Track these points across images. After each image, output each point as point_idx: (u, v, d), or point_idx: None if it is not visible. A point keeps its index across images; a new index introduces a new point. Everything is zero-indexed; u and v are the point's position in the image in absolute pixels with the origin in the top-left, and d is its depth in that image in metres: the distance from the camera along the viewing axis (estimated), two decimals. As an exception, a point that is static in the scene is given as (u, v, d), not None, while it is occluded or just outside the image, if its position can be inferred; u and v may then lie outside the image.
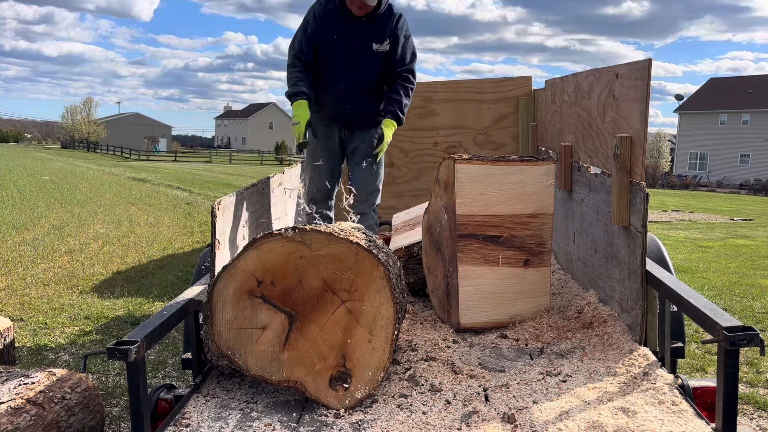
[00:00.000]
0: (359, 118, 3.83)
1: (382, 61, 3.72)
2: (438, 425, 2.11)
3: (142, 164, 40.36)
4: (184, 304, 2.42)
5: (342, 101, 3.77)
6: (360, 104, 3.78)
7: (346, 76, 3.72)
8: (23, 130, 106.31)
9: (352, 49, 3.68)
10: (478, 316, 3.04)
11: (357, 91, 3.75)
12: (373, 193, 3.94)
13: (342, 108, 3.78)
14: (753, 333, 1.90)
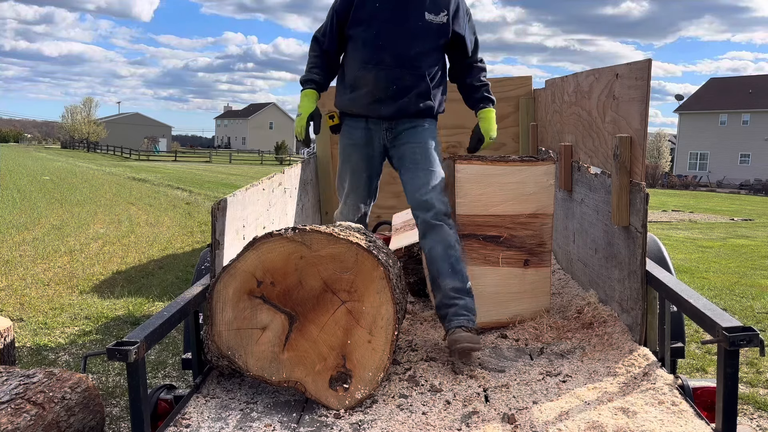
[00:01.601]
0: (407, 105, 3.00)
1: (437, 36, 2.99)
2: (438, 425, 2.11)
3: (142, 164, 40.36)
4: (184, 305, 2.41)
5: (387, 79, 2.98)
6: (409, 85, 2.99)
7: (391, 48, 2.97)
8: (23, 130, 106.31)
9: (398, 16, 2.97)
10: (479, 317, 3.03)
11: (406, 67, 2.97)
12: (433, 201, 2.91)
13: (387, 88, 2.98)
14: (753, 333, 1.90)
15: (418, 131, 3.03)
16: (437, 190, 2.90)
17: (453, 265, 2.77)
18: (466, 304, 2.73)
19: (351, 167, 3.16)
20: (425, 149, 3.00)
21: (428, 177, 2.93)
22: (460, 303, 2.72)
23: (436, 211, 2.85)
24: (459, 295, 2.73)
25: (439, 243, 2.81)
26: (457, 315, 2.69)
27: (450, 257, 2.78)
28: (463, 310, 2.71)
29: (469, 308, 2.73)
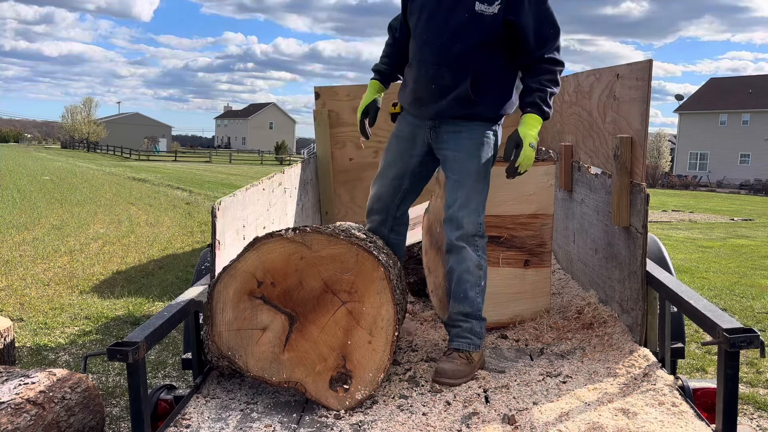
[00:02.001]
0: (446, 109, 2.68)
1: (488, 30, 2.59)
2: (438, 426, 2.11)
3: (142, 164, 40.37)
4: (185, 305, 2.41)
5: (427, 78, 2.69)
6: (449, 86, 2.64)
7: (433, 43, 2.66)
8: (23, 130, 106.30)
9: (445, 6, 2.65)
10: (479, 317, 3.04)
11: (447, 65, 2.63)
12: (462, 219, 2.65)
13: (426, 88, 2.69)
14: (753, 335, 1.90)
15: (460, 137, 2.70)
16: (469, 208, 2.65)
17: (466, 292, 2.65)
18: (471, 327, 2.63)
19: (386, 157, 2.93)
20: (462, 160, 2.69)
21: (460, 192, 2.67)
22: (464, 326, 2.63)
23: (462, 232, 2.65)
24: (465, 318, 2.64)
25: (458, 265, 2.66)
26: (458, 336, 2.62)
27: (464, 282, 2.64)
28: (467, 333, 2.62)
29: (475, 332, 2.63)
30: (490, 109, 2.69)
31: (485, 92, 2.65)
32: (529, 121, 2.59)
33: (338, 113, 5.35)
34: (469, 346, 2.59)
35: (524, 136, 2.56)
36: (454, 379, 2.47)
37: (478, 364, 2.58)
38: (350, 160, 5.44)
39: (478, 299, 2.67)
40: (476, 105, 2.65)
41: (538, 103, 2.59)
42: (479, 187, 2.69)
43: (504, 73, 2.70)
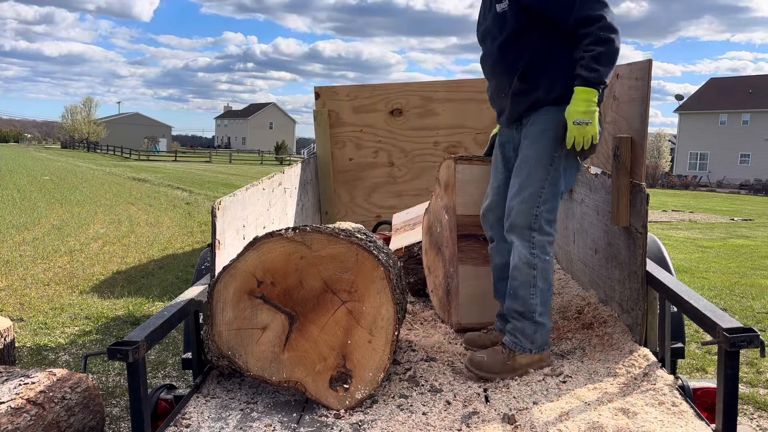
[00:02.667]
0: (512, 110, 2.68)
1: (512, 24, 2.57)
2: (438, 426, 2.11)
3: (142, 164, 40.36)
4: (185, 305, 2.42)
5: (492, 88, 2.79)
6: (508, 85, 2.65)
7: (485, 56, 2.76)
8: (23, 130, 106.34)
9: (484, 15, 2.76)
10: (479, 317, 3.04)
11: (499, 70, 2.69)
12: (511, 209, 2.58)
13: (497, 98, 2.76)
14: (753, 335, 1.90)
15: (529, 124, 2.63)
16: (521, 196, 2.54)
17: (515, 290, 2.56)
18: (522, 327, 2.54)
19: (492, 165, 2.89)
20: (524, 146, 2.61)
21: (515, 180, 2.59)
22: (515, 323, 2.57)
23: (510, 223, 2.57)
24: (516, 316, 2.57)
25: (513, 260, 2.59)
26: (507, 331, 2.60)
27: (512, 280, 2.57)
28: (516, 331, 2.55)
29: (524, 332, 2.53)
30: (549, 91, 2.56)
31: (536, 79, 2.57)
32: (575, 96, 2.46)
33: (338, 113, 5.36)
34: (515, 345, 2.53)
35: (568, 114, 2.45)
36: (477, 370, 2.47)
37: (523, 368, 2.51)
38: (350, 160, 5.44)
39: (531, 300, 2.53)
40: (532, 92, 2.58)
41: (579, 73, 2.45)
42: (539, 175, 2.52)
43: (555, 55, 2.56)
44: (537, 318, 2.54)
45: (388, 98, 5.38)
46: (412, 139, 5.46)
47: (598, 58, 2.42)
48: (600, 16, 2.43)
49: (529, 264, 2.52)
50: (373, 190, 5.50)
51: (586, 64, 2.43)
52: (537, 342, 2.54)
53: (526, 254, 2.53)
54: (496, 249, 2.82)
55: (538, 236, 2.53)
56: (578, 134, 2.43)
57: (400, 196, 5.47)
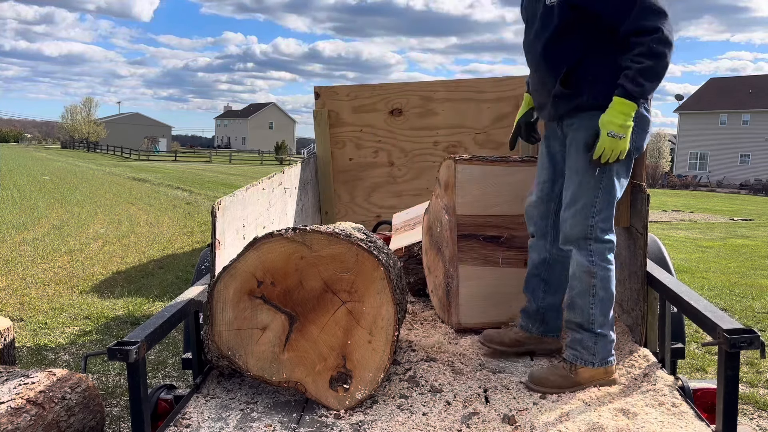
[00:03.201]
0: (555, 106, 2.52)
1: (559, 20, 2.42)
2: (438, 426, 2.11)
3: (142, 164, 40.36)
4: (185, 305, 2.42)
5: (534, 83, 2.65)
6: (550, 84, 2.51)
7: (529, 49, 2.62)
8: (23, 130, 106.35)
9: (528, 10, 2.63)
10: (479, 317, 3.04)
11: (542, 66, 2.54)
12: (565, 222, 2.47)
13: (540, 93, 2.62)
14: (754, 335, 1.90)
15: (572, 129, 2.49)
16: (574, 208, 2.43)
17: (573, 300, 2.44)
18: (581, 339, 2.42)
19: (539, 160, 2.77)
20: (572, 155, 2.47)
21: (568, 191, 2.48)
22: (574, 336, 2.44)
23: (566, 235, 2.46)
24: (574, 328, 2.44)
25: (571, 270, 2.48)
26: (568, 346, 2.46)
27: (571, 289, 2.46)
28: (576, 344, 2.43)
29: (585, 345, 2.40)
30: (593, 99, 2.40)
31: (579, 84, 2.42)
32: (613, 106, 2.31)
33: (338, 113, 5.36)
34: (575, 359, 2.39)
35: (602, 124, 2.31)
36: (539, 386, 2.36)
37: (587, 382, 2.37)
38: (350, 160, 5.44)
39: (591, 310, 2.40)
40: (574, 97, 2.44)
41: (622, 83, 2.30)
42: (591, 184, 2.40)
43: (601, 59, 2.41)
44: (597, 329, 2.40)
45: (388, 98, 5.38)
46: (412, 139, 5.46)
47: (645, 72, 2.28)
48: (656, 28, 2.26)
49: (588, 272, 2.40)
50: (373, 190, 5.49)
51: (632, 76, 2.29)
52: (599, 354, 2.38)
53: (585, 262, 2.41)
54: (535, 245, 2.74)
55: (596, 245, 2.41)
56: (609, 147, 2.30)
57: (400, 196, 5.47)
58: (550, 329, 2.71)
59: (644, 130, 2.43)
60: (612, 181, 2.41)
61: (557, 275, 2.67)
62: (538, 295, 2.73)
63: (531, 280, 2.76)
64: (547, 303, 2.71)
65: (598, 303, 2.40)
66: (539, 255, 2.72)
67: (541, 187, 2.69)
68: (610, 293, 2.42)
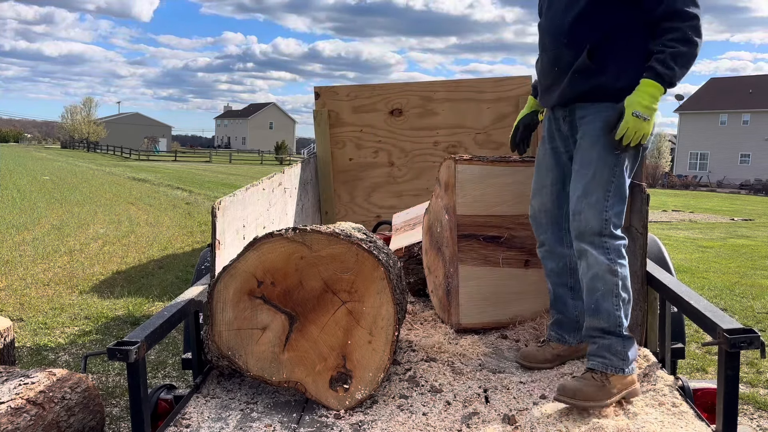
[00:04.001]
0: (567, 88, 2.40)
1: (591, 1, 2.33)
2: (438, 426, 2.11)
3: (142, 164, 40.36)
4: (185, 305, 2.42)
5: (549, 62, 2.48)
6: (569, 62, 2.37)
7: (549, 25, 2.49)
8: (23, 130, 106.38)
9: None
10: (479, 317, 3.04)
11: (563, 43, 2.39)
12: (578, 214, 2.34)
13: (549, 74, 2.48)
14: (754, 335, 1.90)
15: (584, 122, 2.39)
16: (587, 200, 2.30)
17: (597, 303, 2.28)
18: (609, 345, 2.26)
19: (536, 164, 2.68)
20: (585, 146, 2.36)
21: (579, 183, 2.35)
22: (600, 342, 2.28)
23: (580, 230, 2.31)
24: (601, 334, 2.29)
25: (585, 273, 2.32)
26: (592, 354, 2.30)
27: (594, 292, 2.29)
28: (603, 351, 2.26)
29: (614, 350, 2.25)
30: (614, 80, 2.31)
31: (605, 61, 2.31)
32: (641, 87, 2.23)
33: (338, 113, 5.36)
34: (606, 367, 2.23)
35: (629, 104, 2.22)
36: (575, 399, 2.16)
37: (620, 391, 2.22)
38: (350, 160, 5.44)
39: (616, 312, 2.27)
40: (597, 75, 2.32)
41: (653, 65, 2.22)
42: (605, 177, 2.30)
43: (630, 42, 2.32)
44: (624, 331, 2.28)
45: (388, 98, 5.38)
46: (412, 139, 5.46)
47: (678, 57, 2.20)
48: (694, 15, 2.21)
49: (611, 271, 2.27)
50: (373, 190, 5.50)
51: (663, 59, 2.20)
52: (629, 359, 2.25)
53: (604, 260, 2.27)
54: (550, 253, 2.61)
55: (612, 241, 2.30)
56: (633, 127, 2.21)
57: (400, 196, 5.47)
58: None
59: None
60: (624, 176, 2.33)
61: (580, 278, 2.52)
62: (569, 304, 2.60)
63: (558, 292, 2.61)
64: (578, 308, 2.57)
65: (621, 304, 2.28)
66: (558, 263, 2.60)
67: (549, 190, 2.58)
68: (629, 293, 2.31)
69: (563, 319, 2.62)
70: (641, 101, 2.21)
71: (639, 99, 2.22)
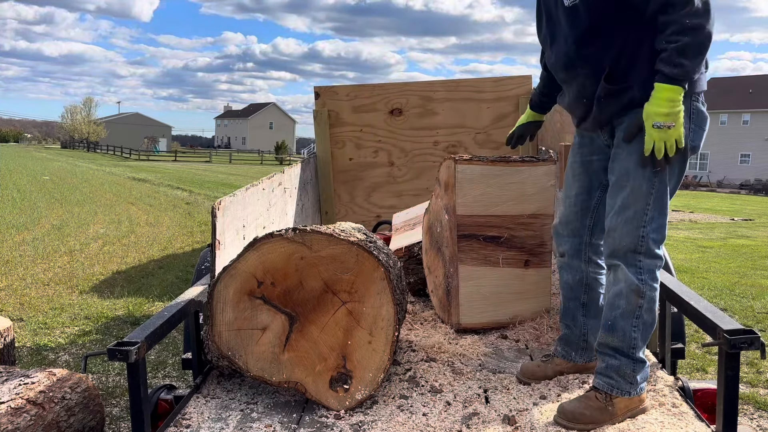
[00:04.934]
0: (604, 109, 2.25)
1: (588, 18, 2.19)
2: (438, 426, 2.11)
3: (142, 164, 40.36)
4: (185, 305, 2.42)
5: (573, 96, 2.37)
6: (593, 87, 2.24)
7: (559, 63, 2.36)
8: (23, 130, 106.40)
9: (548, 13, 2.39)
10: (479, 317, 3.04)
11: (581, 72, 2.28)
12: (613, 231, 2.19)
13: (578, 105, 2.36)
14: (754, 336, 1.90)
15: (624, 128, 2.21)
16: (624, 216, 2.16)
17: (615, 321, 2.17)
18: (618, 366, 2.16)
19: (566, 176, 2.56)
20: (621, 156, 2.21)
21: (617, 197, 2.19)
22: (609, 362, 2.18)
23: (614, 247, 2.18)
24: (612, 353, 2.18)
25: (610, 287, 2.21)
26: (599, 373, 2.21)
27: (614, 309, 2.17)
28: (611, 371, 2.17)
29: (623, 373, 2.15)
30: (643, 90, 2.13)
31: (626, 76, 2.18)
32: (655, 94, 2.07)
33: (338, 113, 5.36)
34: (611, 389, 2.14)
35: (647, 116, 2.07)
36: (573, 423, 2.09)
37: (624, 414, 2.13)
38: (350, 160, 5.44)
39: (633, 333, 2.15)
40: (624, 93, 2.18)
41: (660, 68, 2.06)
42: (643, 189, 2.13)
43: (644, 46, 2.16)
44: (637, 354, 2.17)
45: (388, 98, 5.39)
46: (412, 139, 5.46)
47: (683, 50, 2.02)
48: (686, 1, 2.01)
49: (638, 292, 2.13)
50: (373, 190, 5.50)
51: (668, 58, 2.04)
52: (637, 383, 2.16)
53: (634, 280, 2.14)
54: (568, 265, 2.50)
55: (646, 260, 2.15)
56: (659, 139, 2.05)
57: (400, 196, 5.47)
58: (595, 354, 2.39)
59: (702, 128, 2.20)
60: (665, 185, 2.17)
61: (596, 296, 2.47)
62: (578, 321, 2.49)
63: (569, 306, 2.52)
64: (588, 327, 2.49)
65: (641, 327, 2.16)
66: (574, 276, 2.49)
67: (573, 200, 2.46)
68: (653, 317, 2.19)
69: (571, 335, 2.52)
70: (659, 110, 2.05)
71: (656, 109, 2.06)
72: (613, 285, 2.19)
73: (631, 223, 2.14)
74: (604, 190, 2.36)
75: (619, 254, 2.16)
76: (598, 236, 2.44)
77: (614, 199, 2.20)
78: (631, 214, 2.14)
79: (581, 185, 2.44)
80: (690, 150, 2.16)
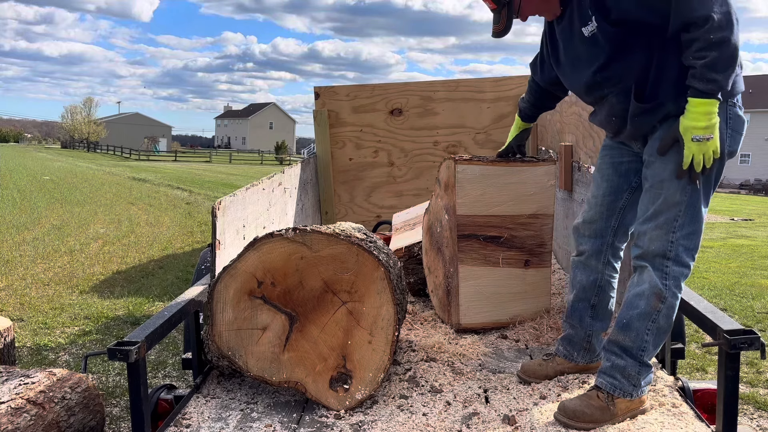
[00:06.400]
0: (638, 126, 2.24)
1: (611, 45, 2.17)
2: (438, 426, 2.11)
3: (142, 164, 40.36)
4: (185, 305, 2.42)
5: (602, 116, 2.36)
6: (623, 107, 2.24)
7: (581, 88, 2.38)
8: (23, 130, 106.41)
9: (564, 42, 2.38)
10: (479, 317, 3.04)
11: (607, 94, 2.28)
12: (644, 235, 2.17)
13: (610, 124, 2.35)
14: (754, 336, 1.90)
15: (653, 139, 2.21)
16: (656, 221, 2.14)
17: (630, 320, 2.15)
18: (624, 367, 2.15)
19: (595, 178, 2.52)
20: (656, 164, 2.19)
21: (650, 203, 2.18)
22: (616, 361, 2.16)
23: (643, 251, 2.16)
24: (620, 352, 2.16)
25: (633, 287, 2.19)
26: (604, 372, 2.19)
27: (631, 308, 2.15)
28: (616, 371, 2.16)
29: (627, 374, 2.14)
30: (675, 104, 2.12)
31: (656, 93, 2.17)
32: (690, 108, 2.05)
33: (338, 113, 5.36)
34: (613, 389, 2.13)
35: (684, 130, 2.05)
36: (574, 420, 2.09)
37: (624, 414, 2.13)
38: (350, 160, 5.44)
39: (645, 336, 2.13)
40: (657, 109, 2.17)
41: (692, 84, 2.04)
42: (676, 197, 2.13)
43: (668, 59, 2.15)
44: (645, 358, 2.15)
45: (388, 98, 5.39)
46: (411, 139, 5.46)
47: (712, 65, 1.99)
48: (705, 17, 1.97)
49: (659, 296, 2.11)
50: (373, 190, 5.50)
51: (699, 74, 2.02)
52: (640, 385, 2.15)
53: (658, 283, 2.12)
54: (584, 265, 2.48)
55: (674, 266, 2.13)
56: (698, 152, 2.04)
57: (400, 196, 5.47)
58: (597, 356, 2.48)
59: (739, 132, 2.18)
60: (698, 193, 2.16)
61: (606, 299, 2.46)
62: (585, 322, 2.47)
63: (577, 306, 2.49)
64: (594, 329, 2.48)
65: (655, 331, 2.14)
66: (588, 276, 2.47)
67: (600, 201, 2.44)
68: (669, 325, 2.16)
69: (575, 336, 2.50)
70: (697, 124, 2.03)
71: (694, 123, 2.04)
72: (636, 285, 2.16)
73: (661, 229, 2.13)
74: (632, 192, 2.37)
75: (647, 257, 2.15)
76: (620, 239, 2.43)
77: (646, 205, 2.19)
78: (663, 220, 2.13)
79: (610, 186, 2.42)
80: (727, 155, 2.15)
